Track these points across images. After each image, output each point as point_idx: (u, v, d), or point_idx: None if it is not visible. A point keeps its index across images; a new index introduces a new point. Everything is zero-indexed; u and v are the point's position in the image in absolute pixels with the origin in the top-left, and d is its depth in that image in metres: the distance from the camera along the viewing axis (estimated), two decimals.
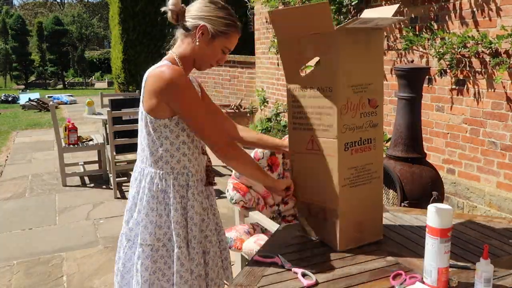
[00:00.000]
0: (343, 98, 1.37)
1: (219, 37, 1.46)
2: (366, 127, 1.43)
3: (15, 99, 13.60)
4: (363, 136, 1.43)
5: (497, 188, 3.32)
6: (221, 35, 1.46)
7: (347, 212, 1.44)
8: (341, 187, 1.41)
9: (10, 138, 7.71)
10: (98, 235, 3.56)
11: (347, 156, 1.41)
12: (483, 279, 1.15)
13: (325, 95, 1.39)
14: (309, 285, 1.24)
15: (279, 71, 6.40)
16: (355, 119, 1.40)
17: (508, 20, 3.11)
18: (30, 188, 4.79)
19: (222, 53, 1.50)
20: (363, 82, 1.41)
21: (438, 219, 1.19)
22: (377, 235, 1.53)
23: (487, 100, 3.32)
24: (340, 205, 1.43)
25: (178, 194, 1.50)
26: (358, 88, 1.40)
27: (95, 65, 25.53)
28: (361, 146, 1.43)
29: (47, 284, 2.84)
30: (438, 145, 3.78)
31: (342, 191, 1.42)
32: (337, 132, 1.38)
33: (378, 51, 1.46)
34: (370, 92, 1.43)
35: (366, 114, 1.43)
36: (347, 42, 1.35)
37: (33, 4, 34.88)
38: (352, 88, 1.38)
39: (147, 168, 1.53)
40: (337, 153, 1.39)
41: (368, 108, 1.43)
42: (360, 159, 1.44)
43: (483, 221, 1.70)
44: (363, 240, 1.50)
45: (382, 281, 1.25)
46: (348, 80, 1.37)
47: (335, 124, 1.37)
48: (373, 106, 1.44)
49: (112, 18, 11.66)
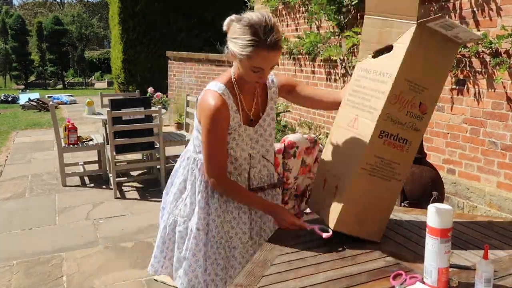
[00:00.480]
0: (397, 89, 1.38)
1: (243, 59, 1.49)
2: (408, 127, 1.44)
3: (14, 99, 13.60)
4: (401, 133, 1.44)
5: (497, 188, 3.32)
6: (242, 57, 1.48)
7: (355, 199, 1.46)
8: (360, 169, 1.43)
9: (10, 138, 7.71)
10: (98, 235, 3.56)
11: (378, 143, 1.42)
12: (483, 279, 1.14)
13: (383, 80, 1.41)
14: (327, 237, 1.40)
15: (279, 71, 6.40)
16: (400, 113, 1.41)
17: (509, 20, 3.11)
18: (30, 188, 4.78)
19: (253, 72, 1.52)
20: (422, 84, 1.41)
21: (438, 219, 1.18)
22: (374, 236, 1.51)
23: (487, 100, 3.32)
24: (352, 188, 1.45)
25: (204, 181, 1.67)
26: (414, 86, 1.40)
27: (95, 65, 25.54)
28: (395, 141, 1.44)
29: (47, 284, 2.84)
30: (438, 145, 3.78)
31: (359, 174, 1.44)
32: (378, 116, 1.39)
33: (447, 63, 1.48)
34: (424, 97, 1.43)
35: (413, 115, 1.43)
36: (422, 38, 1.35)
37: (33, 4, 34.88)
38: (408, 83, 1.39)
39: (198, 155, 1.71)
40: (370, 136, 1.41)
41: (417, 110, 1.43)
42: (389, 153, 1.44)
43: (483, 221, 1.70)
44: (358, 233, 1.50)
45: (382, 281, 1.25)
46: (407, 74, 1.38)
47: (380, 108, 1.39)
48: (422, 111, 1.44)
49: (112, 18, 11.67)
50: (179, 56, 8.53)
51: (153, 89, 6.26)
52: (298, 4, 5.62)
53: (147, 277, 2.89)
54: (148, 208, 4.16)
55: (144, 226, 3.71)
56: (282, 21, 5.98)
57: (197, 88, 8.15)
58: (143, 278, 2.89)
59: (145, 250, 3.29)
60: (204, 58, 7.99)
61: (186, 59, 8.35)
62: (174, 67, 8.62)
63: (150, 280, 2.84)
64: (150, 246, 3.35)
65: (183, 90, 8.21)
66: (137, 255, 3.22)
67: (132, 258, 3.17)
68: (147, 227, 3.69)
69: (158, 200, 4.35)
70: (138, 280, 2.87)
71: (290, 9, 5.85)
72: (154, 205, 4.24)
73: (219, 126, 1.58)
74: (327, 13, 4.74)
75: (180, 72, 8.50)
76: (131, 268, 3.02)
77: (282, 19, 5.98)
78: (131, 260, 3.14)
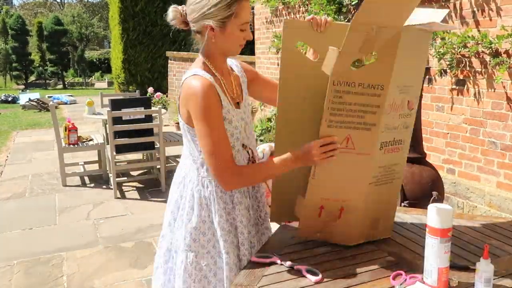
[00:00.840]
0: (391, 98, 1.33)
1: (228, 22, 1.38)
2: (401, 128, 1.42)
3: (15, 99, 13.61)
4: (396, 136, 1.41)
5: (497, 188, 3.32)
6: (229, 19, 1.37)
7: (367, 209, 1.45)
8: (367, 185, 1.40)
9: (10, 138, 7.72)
10: (98, 235, 3.56)
11: (379, 155, 1.39)
12: (483, 279, 1.15)
13: (374, 93, 1.32)
14: (317, 281, 1.24)
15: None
16: (394, 119, 1.38)
17: (508, 20, 3.11)
18: (30, 188, 4.79)
19: (241, 31, 1.41)
20: (408, 83, 1.38)
21: (438, 219, 1.18)
22: (388, 232, 1.55)
23: (487, 100, 3.32)
24: (363, 202, 1.43)
25: (221, 200, 1.48)
26: (403, 88, 1.37)
27: (95, 65, 25.55)
28: (392, 146, 1.42)
29: (47, 284, 2.84)
30: (438, 145, 3.78)
31: (368, 189, 1.41)
32: (378, 131, 1.34)
33: (424, 54, 1.45)
34: (411, 94, 1.40)
35: (403, 115, 1.40)
36: (409, 40, 1.31)
37: (33, 4, 34.89)
38: (398, 88, 1.35)
39: (189, 174, 1.52)
40: (373, 152, 1.36)
41: (406, 109, 1.41)
42: (389, 159, 1.43)
43: (483, 221, 1.70)
44: (375, 236, 1.52)
45: (382, 281, 1.25)
46: (397, 80, 1.33)
47: (379, 123, 1.33)
48: (410, 107, 1.42)
49: (112, 18, 11.68)
50: (179, 56, 8.54)
51: (153, 89, 6.27)
52: (298, 4, 5.62)
53: (147, 276, 2.89)
54: (148, 208, 4.17)
55: (144, 226, 3.72)
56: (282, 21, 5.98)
57: None
58: (143, 278, 2.89)
59: (145, 250, 3.29)
60: None
61: (186, 59, 8.36)
62: (174, 67, 8.63)
63: (150, 280, 2.85)
64: (150, 246, 3.35)
65: None
66: (137, 255, 3.22)
67: (132, 258, 3.18)
68: (147, 227, 3.69)
69: (158, 200, 4.36)
70: (138, 280, 2.87)
71: (290, 9, 5.85)
72: (154, 205, 4.24)
73: (214, 109, 1.38)
74: (327, 13, 4.74)
75: (180, 72, 8.50)
76: (131, 268, 3.03)
77: (282, 19, 5.98)
78: (131, 260, 3.15)
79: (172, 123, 7.78)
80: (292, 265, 1.32)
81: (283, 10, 5.94)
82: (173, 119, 7.80)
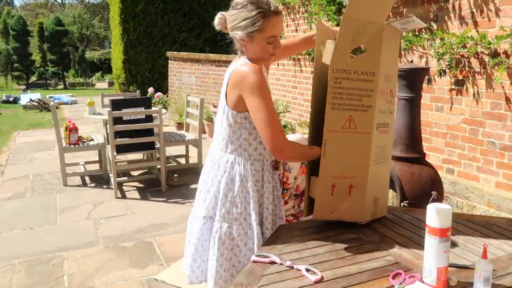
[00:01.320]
0: (381, 84, 1.56)
1: (255, 36, 1.57)
2: (387, 112, 1.63)
3: (16, 99, 13.63)
4: (385, 119, 1.63)
5: (496, 188, 3.32)
6: (255, 33, 1.56)
7: (371, 187, 1.61)
8: (370, 162, 1.58)
9: (11, 138, 7.73)
10: (98, 235, 3.57)
11: (376, 135, 1.59)
12: (482, 279, 1.15)
13: (368, 79, 1.55)
14: (317, 281, 1.25)
15: (279, 71, 6.41)
16: (383, 104, 1.60)
17: (507, 20, 3.12)
18: (31, 188, 4.80)
19: (268, 44, 1.59)
20: (390, 73, 1.62)
21: (437, 218, 1.19)
22: (385, 211, 1.74)
23: (486, 100, 3.33)
24: (368, 179, 1.59)
25: (254, 178, 1.68)
26: (387, 77, 1.60)
27: (96, 66, 25.58)
28: (383, 128, 1.63)
29: (48, 283, 2.85)
30: (437, 145, 3.79)
31: (370, 166, 1.59)
32: (374, 112, 1.56)
33: (397, 48, 1.69)
34: (392, 83, 1.64)
35: (388, 101, 1.63)
36: (387, 36, 1.56)
37: (34, 5, 34.91)
38: (385, 77, 1.58)
39: (226, 155, 1.70)
40: (372, 132, 1.56)
41: (389, 96, 1.63)
42: (381, 139, 1.62)
43: (482, 221, 1.71)
44: (377, 215, 1.68)
45: (382, 280, 1.26)
46: (384, 69, 1.57)
47: (374, 105, 1.55)
48: (392, 95, 1.65)
49: (113, 19, 11.69)
50: (179, 56, 8.55)
51: (153, 90, 6.28)
52: (298, 5, 5.63)
53: (147, 276, 2.90)
54: (148, 208, 4.18)
55: (144, 226, 3.72)
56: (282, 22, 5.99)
57: (197, 88, 8.16)
58: (143, 277, 2.90)
59: (146, 249, 3.30)
60: (204, 58, 8.00)
61: (186, 59, 8.36)
62: (174, 67, 8.64)
63: (150, 280, 2.85)
64: (150, 245, 3.36)
65: (183, 90, 8.23)
66: (137, 254, 3.23)
67: (133, 257, 3.19)
68: (147, 227, 3.70)
69: (158, 200, 4.37)
70: (138, 280, 2.88)
71: (290, 10, 5.86)
72: (155, 205, 4.25)
73: (266, 86, 1.58)
74: (327, 14, 4.75)
75: (180, 72, 8.51)
76: (131, 268, 3.03)
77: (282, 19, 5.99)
78: (132, 259, 3.16)
79: (172, 123, 7.79)
80: (292, 264, 1.33)
81: (283, 11, 5.95)
82: (173, 119, 7.81)
